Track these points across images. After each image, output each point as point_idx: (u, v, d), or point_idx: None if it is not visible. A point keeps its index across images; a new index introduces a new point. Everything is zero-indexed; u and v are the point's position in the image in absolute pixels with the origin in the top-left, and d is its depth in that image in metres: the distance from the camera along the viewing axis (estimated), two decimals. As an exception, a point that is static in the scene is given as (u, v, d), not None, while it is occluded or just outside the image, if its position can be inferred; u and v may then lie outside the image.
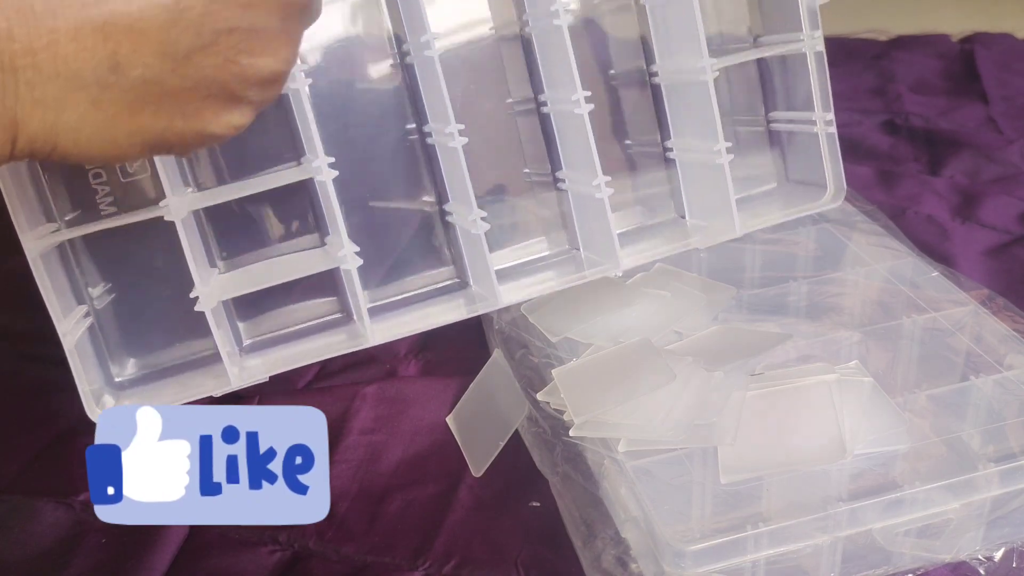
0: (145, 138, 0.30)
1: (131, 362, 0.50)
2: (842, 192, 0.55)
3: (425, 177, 0.53)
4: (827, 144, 0.54)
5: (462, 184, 0.48)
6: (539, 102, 0.54)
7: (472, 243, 0.50)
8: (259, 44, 0.30)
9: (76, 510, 0.48)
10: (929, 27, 1.01)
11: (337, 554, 0.45)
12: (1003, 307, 0.51)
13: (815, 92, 0.53)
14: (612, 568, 0.40)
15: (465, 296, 0.53)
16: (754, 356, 0.46)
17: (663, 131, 0.56)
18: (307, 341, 0.51)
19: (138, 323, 0.50)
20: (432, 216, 0.53)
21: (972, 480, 0.40)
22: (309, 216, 0.51)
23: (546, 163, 0.55)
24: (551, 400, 0.46)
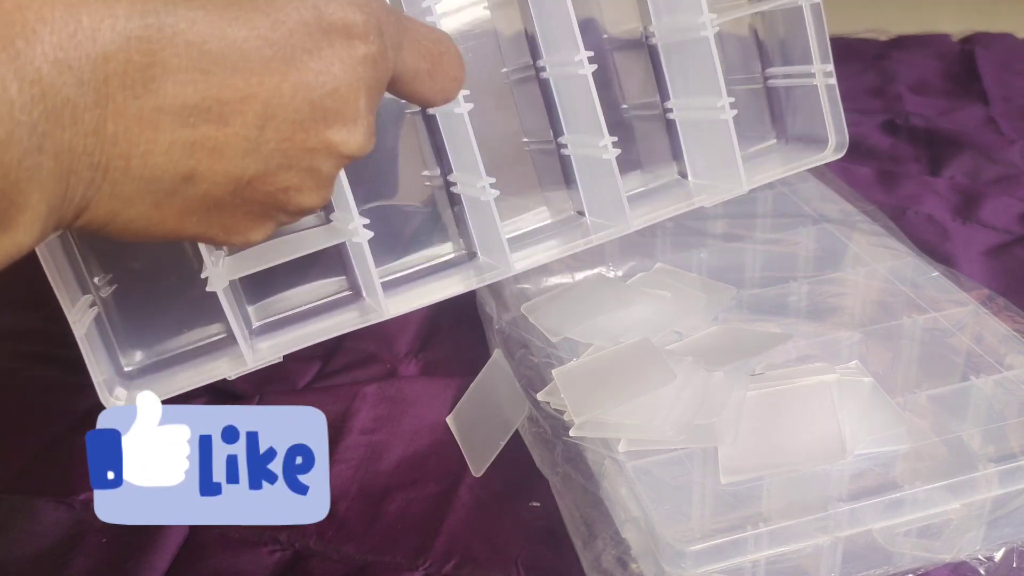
0: (180, 235, 0.33)
1: (139, 351, 0.50)
2: (844, 144, 0.55)
3: (428, 150, 0.53)
4: (827, 95, 0.54)
5: (469, 152, 0.48)
6: (537, 68, 0.54)
7: (481, 211, 0.50)
8: (309, 183, 0.33)
9: (76, 510, 0.48)
10: (929, 27, 1.01)
11: (337, 554, 0.45)
12: (1003, 307, 0.51)
13: (813, 44, 0.53)
14: (612, 568, 0.40)
15: (475, 267, 0.52)
16: (754, 356, 0.46)
17: (662, 93, 0.57)
18: (318, 320, 0.51)
19: (144, 311, 0.49)
20: (437, 189, 0.53)
21: (972, 480, 0.40)
22: None
23: (547, 131, 0.54)
24: (551, 400, 0.46)
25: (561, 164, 0.55)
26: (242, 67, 0.29)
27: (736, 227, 0.61)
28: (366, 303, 0.51)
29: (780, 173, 0.54)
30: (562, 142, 0.54)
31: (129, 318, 0.49)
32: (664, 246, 0.59)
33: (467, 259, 0.54)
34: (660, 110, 0.57)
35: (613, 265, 0.57)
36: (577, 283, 0.55)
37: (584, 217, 0.54)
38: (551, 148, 0.55)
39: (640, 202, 0.54)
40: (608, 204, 0.52)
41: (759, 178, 0.53)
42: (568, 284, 0.56)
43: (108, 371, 0.47)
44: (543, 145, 0.55)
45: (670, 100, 0.56)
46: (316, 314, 0.51)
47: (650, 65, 0.57)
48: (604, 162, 0.50)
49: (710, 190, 0.53)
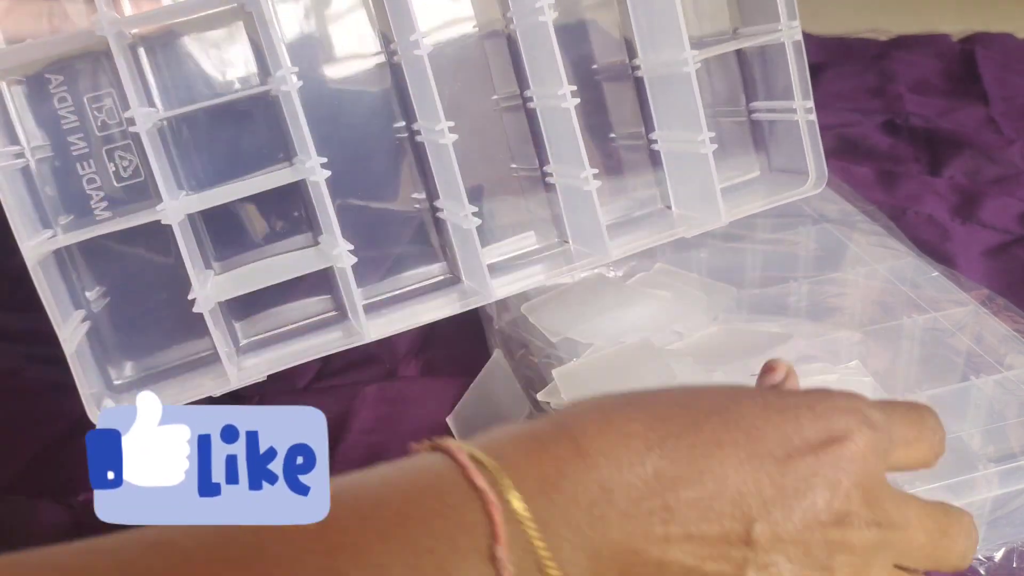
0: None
1: (129, 364, 0.50)
2: (823, 179, 0.55)
3: (415, 175, 0.53)
4: (808, 131, 0.55)
5: (452, 181, 0.49)
6: (525, 98, 0.54)
7: (464, 238, 0.50)
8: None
9: (76, 510, 0.48)
10: (929, 27, 1.01)
11: (337, 554, 0.45)
12: (1003, 307, 0.51)
13: (794, 81, 0.54)
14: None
15: (458, 291, 0.53)
16: (754, 357, 0.46)
17: (647, 124, 0.57)
18: (303, 340, 0.51)
19: (134, 326, 0.50)
20: (423, 213, 0.54)
21: (972, 480, 0.40)
22: (302, 216, 0.52)
23: (534, 159, 0.55)
24: (551, 400, 0.46)
25: (547, 193, 0.55)
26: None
27: (736, 227, 0.61)
28: (351, 324, 0.51)
29: (760, 206, 0.55)
30: (547, 171, 0.54)
31: (120, 331, 0.50)
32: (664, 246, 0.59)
33: (452, 283, 0.54)
34: (645, 140, 0.57)
35: (613, 265, 0.57)
36: (577, 283, 0.55)
37: (568, 244, 0.55)
38: (537, 176, 0.55)
39: (623, 231, 0.55)
40: (589, 233, 0.52)
41: (739, 211, 0.54)
42: (568, 284, 0.56)
43: (98, 384, 0.47)
44: (530, 172, 0.55)
45: (655, 131, 0.57)
46: (303, 333, 0.52)
47: (636, 97, 0.57)
48: (585, 193, 0.50)
49: (691, 221, 0.54)
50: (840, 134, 0.81)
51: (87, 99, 0.48)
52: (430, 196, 0.53)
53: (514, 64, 0.54)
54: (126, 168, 0.48)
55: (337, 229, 0.46)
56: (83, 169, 0.48)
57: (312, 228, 0.51)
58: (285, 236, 0.52)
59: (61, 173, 0.48)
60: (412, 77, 0.51)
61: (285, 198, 0.51)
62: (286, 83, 0.45)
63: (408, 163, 0.53)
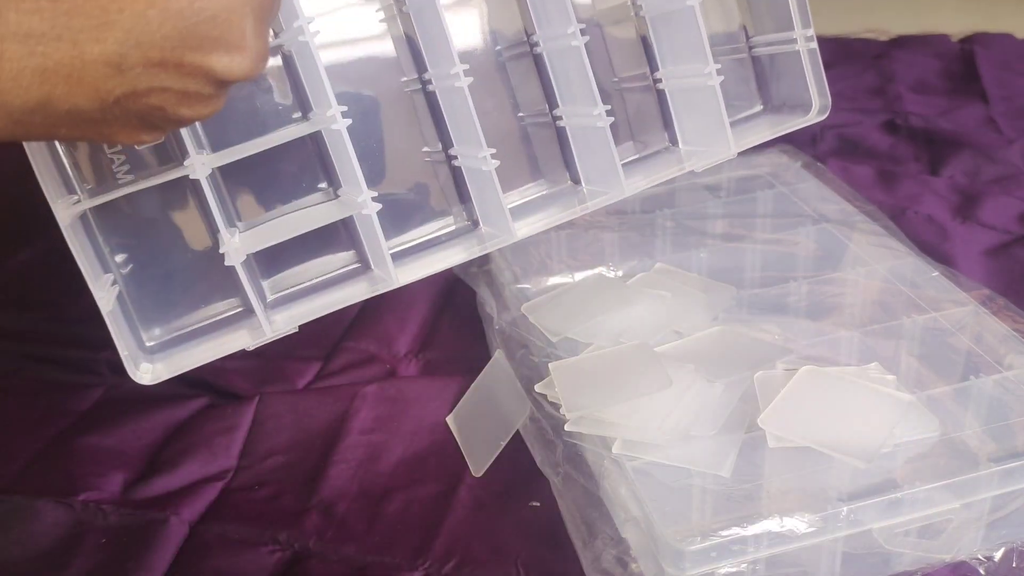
0: (56, 139, 0.34)
1: (159, 327, 0.50)
2: (827, 107, 0.56)
3: (428, 125, 0.54)
4: (809, 59, 0.56)
5: (469, 124, 0.49)
6: (531, 43, 0.55)
7: (482, 181, 0.51)
8: (190, 100, 0.33)
9: (76, 510, 0.48)
10: (929, 27, 1.01)
11: (337, 554, 0.45)
12: (1003, 307, 0.51)
13: (793, 9, 0.55)
14: (612, 568, 0.40)
15: (476, 236, 0.54)
16: (754, 369, 0.46)
17: (651, 63, 0.58)
18: (330, 292, 0.52)
19: (162, 288, 0.50)
20: (438, 164, 0.54)
21: (972, 480, 0.40)
22: (319, 172, 0.52)
23: (541, 104, 0.56)
24: (548, 393, 0.46)
25: (557, 136, 0.56)
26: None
27: (736, 227, 0.61)
28: (375, 274, 0.52)
29: (767, 135, 0.56)
30: (557, 114, 0.55)
31: (148, 295, 0.50)
32: (664, 246, 0.59)
33: (469, 229, 0.55)
34: (650, 81, 0.58)
35: (613, 265, 0.57)
36: (577, 283, 0.55)
37: (580, 186, 0.56)
38: (547, 121, 0.56)
39: (633, 170, 0.56)
40: (603, 171, 0.53)
41: (747, 141, 0.55)
42: (568, 284, 0.56)
43: (130, 347, 0.48)
44: (538, 118, 0.56)
45: (659, 70, 0.57)
46: (327, 287, 0.52)
47: (638, 37, 0.58)
48: (598, 130, 0.51)
49: (700, 155, 0.55)
50: (840, 134, 0.81)
51: None
52: (444, 146, 0.54)
53: (519, 10, 0.55)
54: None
55: (361, 178, 0.47)
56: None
57: (332, 182, 0.52)
58: (305, 193, 0.52)
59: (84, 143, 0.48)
60: (423, 24, 0.52)
61: (302, 155, 0.51)
62: (303, 34, 0.46)
63: (420, 116, 0.54)
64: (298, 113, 0.51)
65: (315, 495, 0.48)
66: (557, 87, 0.55)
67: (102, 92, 0.31)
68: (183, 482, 0.49)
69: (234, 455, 0.51)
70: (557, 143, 0.56)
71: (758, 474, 0.41)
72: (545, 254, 0.59)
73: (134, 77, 0.31)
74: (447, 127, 0.53)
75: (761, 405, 0.44)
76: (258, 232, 0.50)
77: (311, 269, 0.53)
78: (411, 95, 0.53)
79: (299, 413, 0.53)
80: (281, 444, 0.51)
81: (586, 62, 0.51)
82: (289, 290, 0.52)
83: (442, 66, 0.51)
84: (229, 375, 0.56)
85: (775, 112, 0.60)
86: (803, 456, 0.42)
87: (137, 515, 0.47)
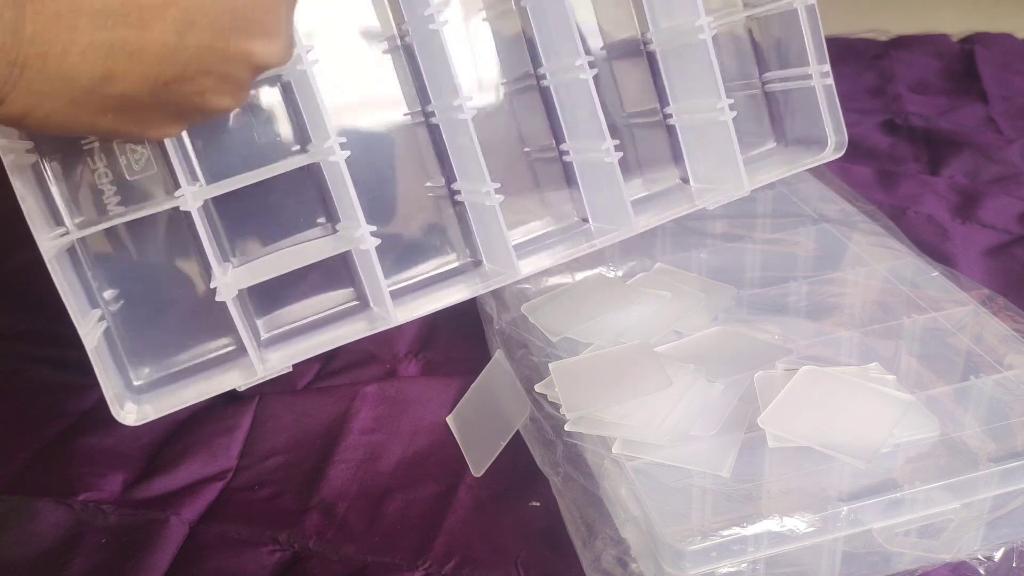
0: (96, 131, 0.34)
1: (148, 366, 0.50)
2: (843, 144, 0.55)
3: (431, 160, 0.53)
4: (825, 95, 0.55)
5: (473, 158, 0.49)
6: (537, 76, 0.54)
7: (486, 217, 0.50)
8: (225, 87, 0.35)
9: (76, 510, 0.48)
10: (929, 27, 1.01)
11: (337, 554, 0.45)
12: (1003, 307, 0.51)
13: (808, 45, 0.54)
14: (612, 568, 0.40)
15: (480, 274, 0.53)
16: (754, 369, 0.46)
17: (661, 99, 0.57)
18: (325, 331, 0.51)
19: (152, 326, 0.50)
20: (441, 199, 0.54)
21: (972, 480, 0.40)
22: (318, 207, 0.51)
23: (547, 138, 0.55)
24: (548, 393, 0.46)
25: (564, 171, 0.55)
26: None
27: (736, 227, 0.61)
28: (373, 312, 0.51)
29: (781, 173, 0.55)
30: (564, 149, 0.54)
31: (137, 333, 0.49)
32: (664, 246, 0.59)
33: (472, 267, 0.54)
34: (660, 116, 0.57)
35: (613, 265, 0.57)
36: (577, 283, 0.55)
37: (587, 223, 0.55)
38: (552, 156, 0.55)
39: (643, 207, 0.55)
40: (611, 208, 0.52)
41: (761, 178, 0.54)
42: (568, 284, 0.56)
43: (117, 386, 0.47)
44: (544, 153, 0.55)
45: (669, 105, 0.56)
46: (323, 324, 0.52)
47: (648, 71, 0.57)
48: (607, 165, 0.50)
49: (712, 192, 0.54)
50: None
51: None
52: (448, 180, 0.53)
53: (525, 41, 0.54)
54: (137, 161, 0.48)
55: (359, 209, 0.46)
56: (94, 164, 0.48)
57: (330, 217, 0.51)
58: (303, 229, 0.51)
59: (71, 168, 0.48)
60: (426, 55, 0.51)
61: (301, 189, 0.51)
62: (302, 63, 0.45)
63: (423, 148, 0.53)
64: (297, 146, 0.50)
65: (315, 495, 0.48)
66: (564, 121, 0.54)
67: (157, 72, 0.32)
68: (183, 482, 0.49)
69: (234, 455, 0.51)
70: (564, 179, 0.55)
71: (758, 474, 0.41)
72: (545, 254, 0.58)
73: (186, 59, 0.33)
74: (450, 161, 0.52)
75: (761, 405, 0.44)
76: (252, 267, 0.49)
77: (308, 307, 0.52)
78: (414, 128, 0.53)
79: (299, 413, 0.53)
80: (281, 444, 0.51)
81: (595, 95, 0.50)
82: (284, 328, 0.52)
83: (445, 97, 0.50)
84: (229, 375, 0.56)
85: (788, 148, 0.59)
86: (803, 456, 0.42)
87: (137, 515, 0.47)
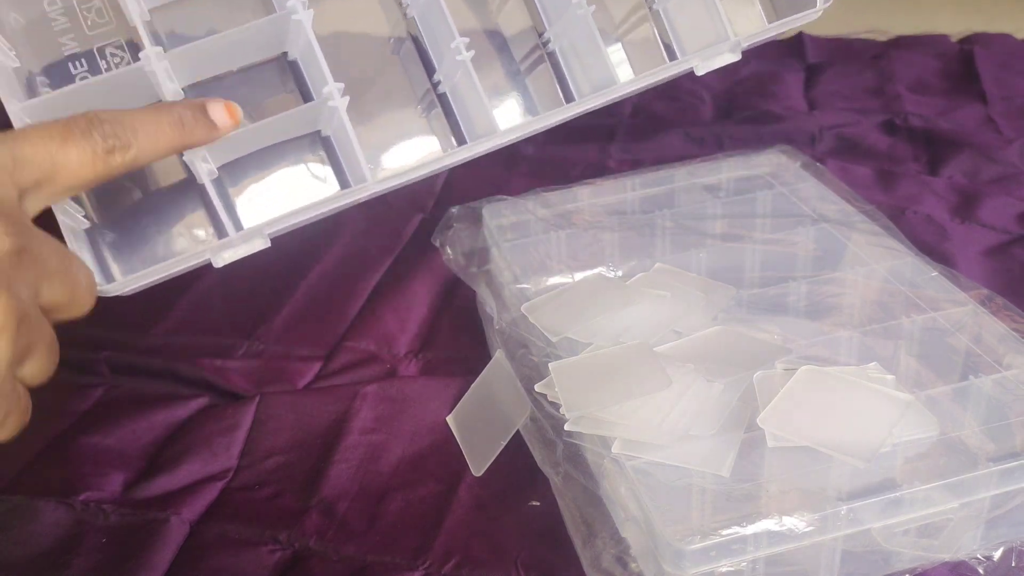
0: None
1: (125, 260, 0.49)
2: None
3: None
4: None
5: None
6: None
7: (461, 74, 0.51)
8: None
9: (76, 510, 0.48)
10: (929, 27, 1.01)
11: (337, 554, 0.45)
12: (1002, 307, 0.51)
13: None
14: (612, 567, 0.40)
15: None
16: (753, 369, 0.46)
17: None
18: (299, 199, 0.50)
19: (130, 220, 0.49)
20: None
21: (971, 480, 0.40)
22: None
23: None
24: (548, 392, 0.47)
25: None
26: None
27: (736, 227, 0.61)
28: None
29: (772, 30, 0.56)
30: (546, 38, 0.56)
31: (117, 227, 0.49)
32: (664, 246, 0.59)
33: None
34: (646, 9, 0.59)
35: (613, 265, 0.57)
36: (577, 283, 0.55)
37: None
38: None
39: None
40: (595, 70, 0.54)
41: (750, 33, 0.55)
42: (568, 284, 0.56)
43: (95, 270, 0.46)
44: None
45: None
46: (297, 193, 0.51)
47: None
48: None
49: (701, 55, 0.55)
50: (840, 134, 0.81)
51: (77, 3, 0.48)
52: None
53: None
54: (118, 66, 0.48)
55: (327, 70, 0.47)
56: (75, 68, 0.48)
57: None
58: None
59: (56, 73, 0.48)
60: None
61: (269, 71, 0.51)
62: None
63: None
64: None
65: (315, 495, 0.48)
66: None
67: None
68: (183, 482, 0.49)
69: (234, 455, 0.51)
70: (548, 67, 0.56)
71: (758, 473, 0.41)
72: (545, 254, 0.59)
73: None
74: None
75: (760, 405, 0.44)
76: (226, 144, 0.48)
77: (283, 187, 0.52)
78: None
79: (299, 413, 0.53)
80: (281, 444, 0.51)
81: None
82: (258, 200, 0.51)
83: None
84: (229, 375, 0.57)
85: (780, 15, 0.59)
86: (802, 456, 0.42)
87: (137, 515, 0.47)
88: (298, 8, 0.47)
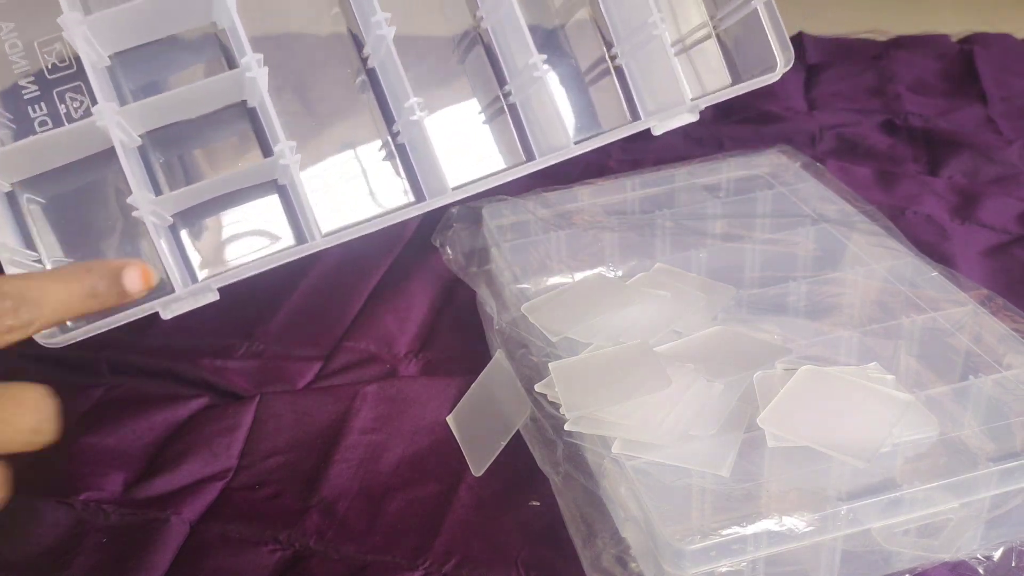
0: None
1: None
2: (790, 59, 0.58)
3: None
4: (767, 15, 0.57)
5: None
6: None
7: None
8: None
9: (76, 510, 0.48)
10: (929, 27, 1.01)
11: (337, 553, 0.45)
12: (1002, 307, 0.51)
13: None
14: (612, 567, 0.40)
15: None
16: (753, 369, 0.46)
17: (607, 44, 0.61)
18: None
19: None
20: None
21: (971, 480, 0.40)
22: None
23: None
24: (548, 392, 0.47)
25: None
26: None
27: (736, 227, 0.61)
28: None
29: (730, 92, 0.58)
30: (507, 91, 0.59)
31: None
32: (664, 246, 0.59)
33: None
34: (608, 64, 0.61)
35: (613, 265, 0.57)
36: (577, 283, 0.55)
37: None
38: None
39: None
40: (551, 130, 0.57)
41: (708, 98, 0.57)
42: (568, 284, 0.56)
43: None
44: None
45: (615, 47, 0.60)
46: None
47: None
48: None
49: (659, 115, 0.57)
50: (840, 134, 0.81)
51: (37, 44, 0.49)
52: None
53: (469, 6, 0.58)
54: (76, 110, 0.48)
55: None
56: (35, 112, 0.48)
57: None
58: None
59: (15, 114, 0.48)
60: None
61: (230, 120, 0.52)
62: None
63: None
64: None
65: (316, 495, 0.48)
66: (505, 64, 0.58)
67: None
68: (184, 482, 0.49)
69: (235, 455, 0.51)
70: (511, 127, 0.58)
71: (758, 473, 0.41)
72: (545, 254, 0.59)
73: None
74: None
75: (760, 405, 0.44)
76: (182, 195, 0.49)
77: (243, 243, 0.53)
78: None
79: (299, 413, 0.53)
80: (282, 444, 0.51)
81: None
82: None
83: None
84: (229, 375, 0.57)
85: (744, 79, 0.61)
86: (802, 456, 0.42)
87: (138, 515, 0.47)
88: (252, 66, 0.47)
